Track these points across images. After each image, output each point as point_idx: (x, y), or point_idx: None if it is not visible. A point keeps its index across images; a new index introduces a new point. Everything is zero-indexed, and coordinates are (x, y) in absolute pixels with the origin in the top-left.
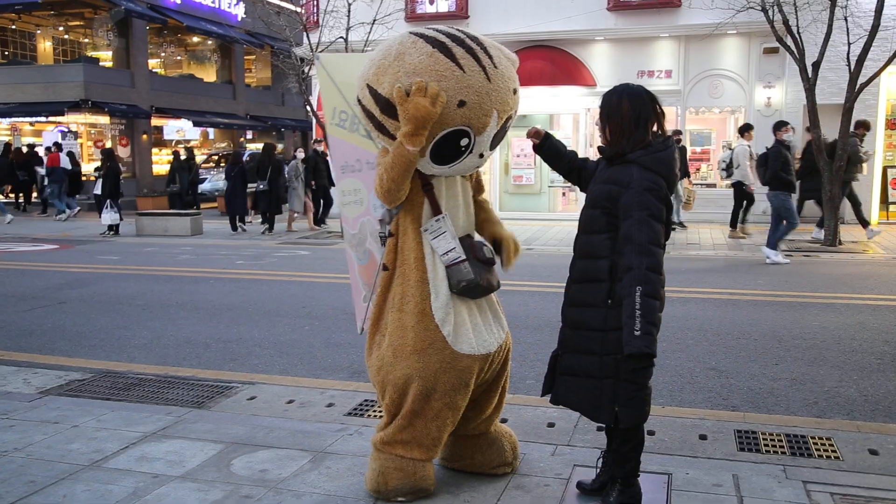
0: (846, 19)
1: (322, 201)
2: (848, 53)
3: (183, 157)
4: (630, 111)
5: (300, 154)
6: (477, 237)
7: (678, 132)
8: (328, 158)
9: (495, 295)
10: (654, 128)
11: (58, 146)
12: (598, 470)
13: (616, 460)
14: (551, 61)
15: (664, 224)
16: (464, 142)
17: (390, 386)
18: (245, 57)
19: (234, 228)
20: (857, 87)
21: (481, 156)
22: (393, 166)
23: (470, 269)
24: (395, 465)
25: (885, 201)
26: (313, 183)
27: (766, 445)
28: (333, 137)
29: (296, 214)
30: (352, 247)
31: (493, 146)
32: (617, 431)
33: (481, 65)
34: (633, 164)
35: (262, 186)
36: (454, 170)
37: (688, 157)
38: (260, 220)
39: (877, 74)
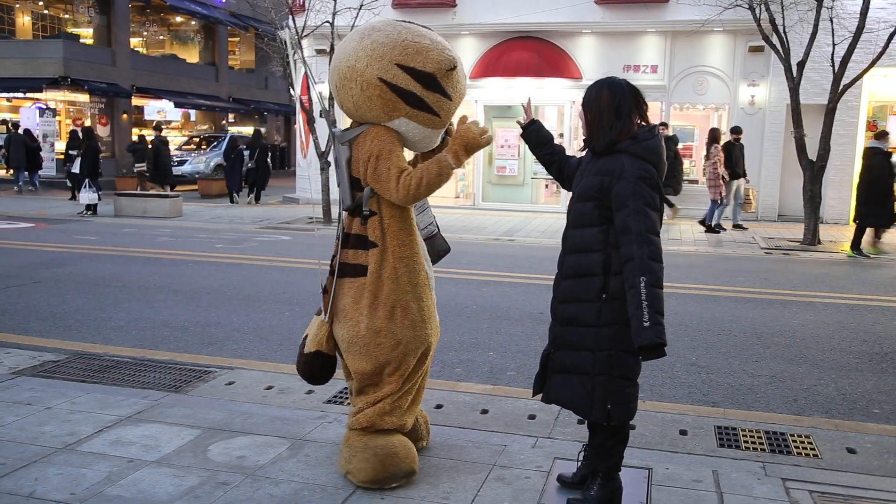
0: (832, 20)
1: None
2: (832, 54)
3: (136, 140)
4: (609, 101)
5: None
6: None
7: (664, 124)
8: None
9: None
10: (638, 119)
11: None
12: (580, 463)
13: (599, 454)
14: (537, 53)
15: (659, 212)
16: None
17: (411, 356)
18: (229, 39)
19: (232, 200)
20: (841, 87)
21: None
22: (437, 182)
23: (443, 239)
24: (388, 451)
25: None
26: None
27: (745, 442)
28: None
29: None
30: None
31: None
32: (601, 427)
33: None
34: (622, 153)
35: (250, 165)
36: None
37: (679, 152)
38: (247, 191)
39: (860, 76)
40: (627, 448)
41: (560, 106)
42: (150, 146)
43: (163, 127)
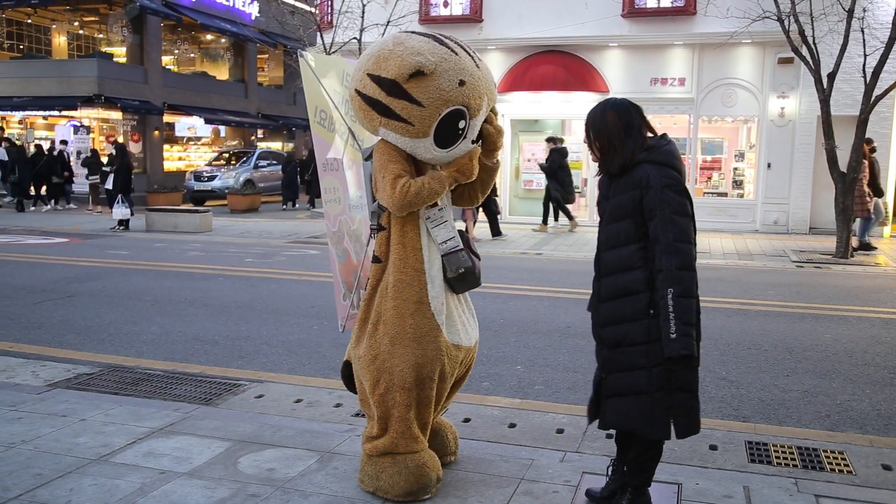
0: (862, 31)
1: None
2: (864, 65)
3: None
4: (617, 121)
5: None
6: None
7: (551, 139)
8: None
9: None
10: (647, 133)
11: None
12: (608, 478)
13: (633, 469)
14: (564, 67)
15: (690, 217)
16: (461, 124)
17: (386, 374)
18: (258, 56)
19: (285, 204)
20: (873, 98)
21: (474, 142)
22: (430, 194)
23: (468, 257)
24: (418, 462)
25: None
26: None
27: (777, 457)
28: (316, 135)
29: None
30: (333, 244)
31: (476, 137)
32: (636, 441)
33: (469, 54)
34: (643, 163)
35: (307, 177)
36: (450, 154)
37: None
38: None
39: (892, 87)
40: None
41: None
42: (110, 159)
43: (65, 141)
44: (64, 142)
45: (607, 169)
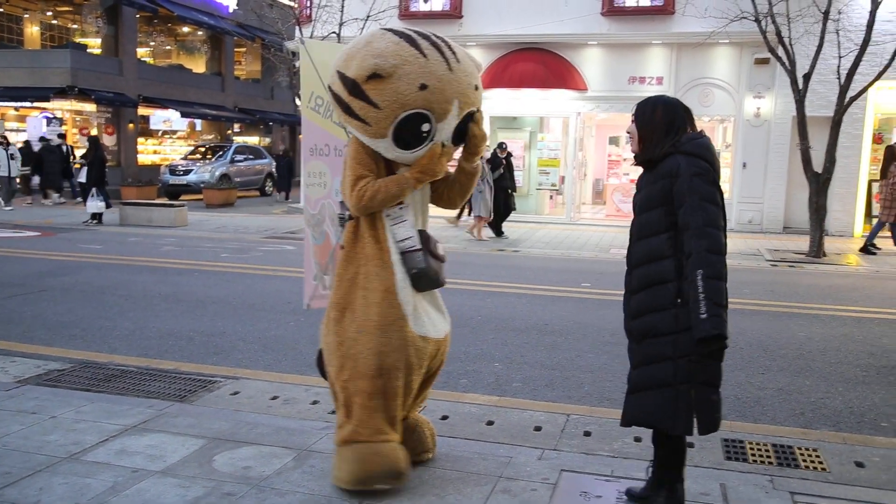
0: (837, 32)
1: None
2: (839, 66)
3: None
4: (662, 118)
5: (486, 154)
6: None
7: (501, 145)
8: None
9: (440, 292)
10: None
11: None
12: (649, 479)
13: (663, 467)
14: (543, 64)
15: (720, 206)
16: (425, 127)
17: (350, 360)
18: (235, 49)
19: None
20: (847, 100)
21: (444, 146)
22: (387, 197)
23: (423, 258)
24: (370, 450)
25: (868, 214)
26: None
27: (753, 455)
28: (307, 120)
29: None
30: (310, 226)
31: (456, 141)
32: (666, 438)
33: (444, 56)
34: (675, 154)
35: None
36: (416, 155)
37: None
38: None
39: (866, 88)
40: (634, 460)
41: (565, 117)
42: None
43: (63, 135)
44: (62, 135)
45: (642, 159)
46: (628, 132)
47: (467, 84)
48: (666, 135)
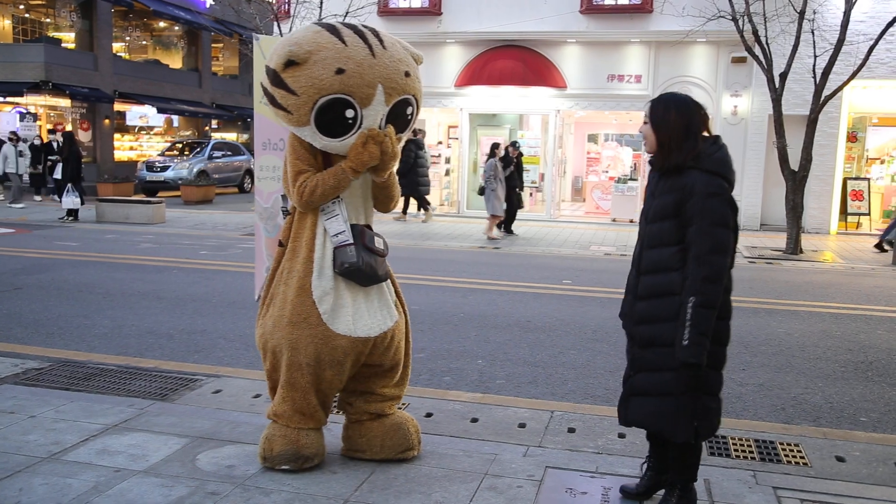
0: (813, 32)
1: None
2: (814, 66)
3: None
4: (678, 121)
5: (499, 152)
6: (372, 229)
7: (496, 145)
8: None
9: (388, 285)
10: (704, 133)
11: None
12: (643, 475)
13: (677, 468)
14: (523, 61)
15: (732, 229)
16: (349, 113)
17: (269, 353)
18: (213, 45)
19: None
20: (822, 99)
21: (381, 132)
22: (326, 189)
23: (355, 253)
24: (280, 432)
25: (843, 212)
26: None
27: (736, 450)
28: (259, 114)
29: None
30: (262, 219)
31: (399, 129)
32: (669, 441)
33: (367, 42)
34: (693, 168)
35: None
36: (345, 144)
37: None
38: None
39: (841, 87)
40: (618, 456)
41: (544, 115)
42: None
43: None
44: (52, 130)
45: (661, 165)
46: (641, 132)
47: (394, 69)
48: (685, 139)
